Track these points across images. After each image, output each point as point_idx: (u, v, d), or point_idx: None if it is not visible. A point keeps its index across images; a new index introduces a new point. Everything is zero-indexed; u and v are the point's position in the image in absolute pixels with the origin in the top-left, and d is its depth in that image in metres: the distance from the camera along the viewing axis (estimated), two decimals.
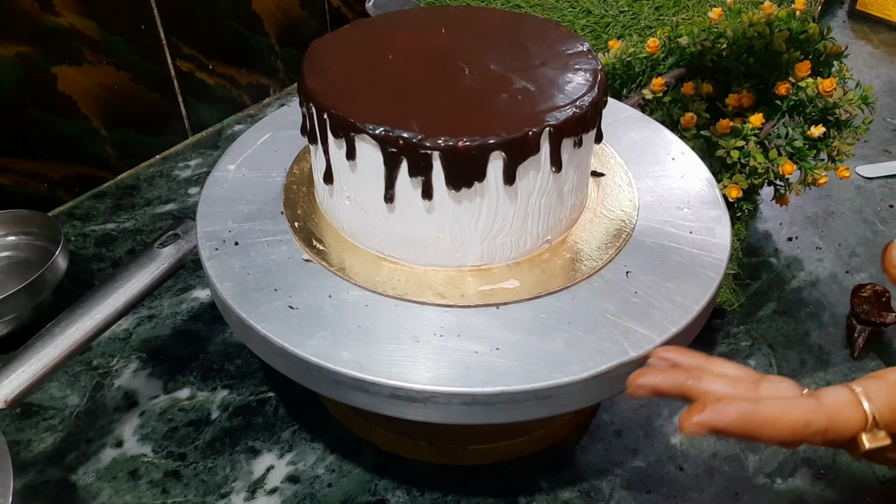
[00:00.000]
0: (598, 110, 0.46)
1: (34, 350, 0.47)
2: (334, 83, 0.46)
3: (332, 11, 0.97)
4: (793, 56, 0.64)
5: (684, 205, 0.52)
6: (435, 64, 0.48)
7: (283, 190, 0.52)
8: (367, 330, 0.43)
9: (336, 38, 0.50)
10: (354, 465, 0.55)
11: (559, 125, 0.43)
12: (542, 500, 0.53)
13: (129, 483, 0.53)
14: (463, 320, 0.44)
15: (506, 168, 0.42)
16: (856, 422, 0.33)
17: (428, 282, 0.46)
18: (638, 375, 0.39)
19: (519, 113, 0.43)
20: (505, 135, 0.41)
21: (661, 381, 0.38)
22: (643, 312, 0.44)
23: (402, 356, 0.42)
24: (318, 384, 0.43)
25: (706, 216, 0.51)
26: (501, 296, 0.45)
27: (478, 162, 0.42)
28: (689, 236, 0.49)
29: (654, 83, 0.67)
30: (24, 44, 0.68)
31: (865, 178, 0.83)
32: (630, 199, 0.52)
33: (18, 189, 0.73)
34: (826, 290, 0.69)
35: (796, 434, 0.34)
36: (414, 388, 0.40)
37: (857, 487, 0.54)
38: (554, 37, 0.50)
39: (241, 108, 0.92)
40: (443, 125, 0.42)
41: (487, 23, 0.52)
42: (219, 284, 0.46)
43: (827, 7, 1.17)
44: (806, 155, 0.63)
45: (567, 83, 0.46)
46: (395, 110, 0.43)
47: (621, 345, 0.42)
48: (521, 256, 0.47)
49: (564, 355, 0.42)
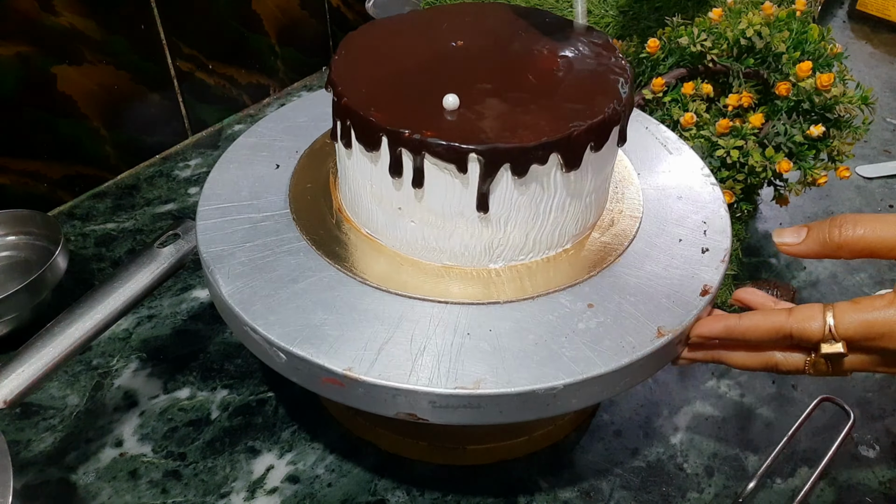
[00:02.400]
0: (630, 106, 0.47)
1: (34, 350, 0.47)
2: (387, 102, 0.44)
3: (332, 11, 0.97)
4: (793, 56, 0.64)
5: (684, 204, 0.52)
6: (477, 68, 0.47)
7: (289, 190, 0.52)
8: (377, 330, 0.43)
9: (361, 49, 0.49)
10: (354, 465, 0.55)
11: (598, 125, 0.43)
12: (542, 500, 0.53)
13: (129, 483, 0.53)
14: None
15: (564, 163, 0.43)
16: (816, 332, 0.40)
17: (445, 280, 0.46)
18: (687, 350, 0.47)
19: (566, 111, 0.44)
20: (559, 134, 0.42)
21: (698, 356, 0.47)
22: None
23: (408, 359, 0.42)
24: (323, 389, 0.43)
25: (706, 216, 0.51)
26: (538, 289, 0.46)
27: (540, 160, 0.42)
28: (689, 235, 0.50)
29: (654, 83, 0.67)
30: (24, 44, 0.68)
31: (865, 178, 0.83)
32: (636, 197, 0.52)
33: (18, 189, 0.73)
34: (826, 291, 0.69)
35: (770, 337, 0.42)
36: (415, 390, 0.40)
37: (856, 487, 0.54)
38: (576, 33, 0.51)
39: (241, 108, 0.92)
40: (509, 133, 0.42)
41: (508, 22, 0.52)
42: (219, 285, 0.46)
43: (827, 7, 1.17)
44: (805, 155, 0.63)
45: (600, 84, 0.46)
46: (461, 124, 0.43)
47: (624, 344, 0.43)
48: (540, 256, 0.47)
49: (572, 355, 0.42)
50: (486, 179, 0.42)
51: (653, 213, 0.51)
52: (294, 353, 0.42)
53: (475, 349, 0.42)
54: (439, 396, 0.40)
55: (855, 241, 0.40)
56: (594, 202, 0.48)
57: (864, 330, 0.39)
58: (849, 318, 0.39)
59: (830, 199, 0.80)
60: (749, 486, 0.53)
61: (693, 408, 0.59)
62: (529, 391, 0.40)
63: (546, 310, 0.44)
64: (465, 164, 0.41)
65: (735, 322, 0.43)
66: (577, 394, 0.41)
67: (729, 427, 0.58)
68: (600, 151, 0.44)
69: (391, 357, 0.41)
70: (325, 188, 0.52)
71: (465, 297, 0.45)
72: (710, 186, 0.53)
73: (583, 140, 0.43)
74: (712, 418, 0.58)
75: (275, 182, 0.53)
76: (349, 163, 0.46)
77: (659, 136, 0.58)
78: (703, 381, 0.61)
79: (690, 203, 0.52)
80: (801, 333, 0.40)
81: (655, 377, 0.60)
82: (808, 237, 0.41)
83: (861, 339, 0.39)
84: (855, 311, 0.39)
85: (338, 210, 0.50)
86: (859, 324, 0.39)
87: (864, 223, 0.40)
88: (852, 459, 0.56)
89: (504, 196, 0.43)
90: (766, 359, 0.44)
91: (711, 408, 0.59)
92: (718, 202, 0.52)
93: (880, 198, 0.81)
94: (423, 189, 0.43)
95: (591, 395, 0.42)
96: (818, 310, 0.40)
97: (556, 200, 0.44)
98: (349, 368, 0.41)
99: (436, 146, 0.41)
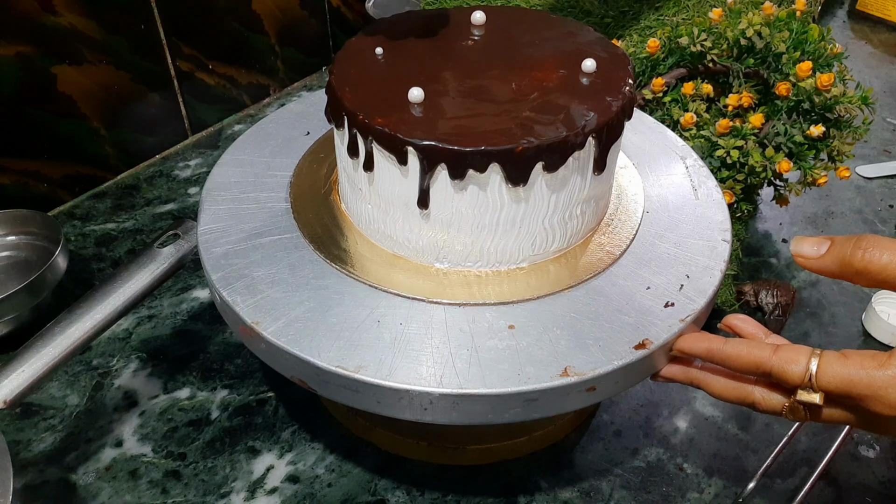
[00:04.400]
0: (614, 135, 0.45)
1: (34, 350, 0.47)
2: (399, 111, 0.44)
3: (332, 11, 0.97)
4: (793, 56, 0.64)
5: (685, 201, 0.52)
6: (480, 72, 0.47)
7: (290, 189, 0.52)
8: (385, 333, 0.43)
9: (363, 56, 0.48)
10: (354, 465, 0.55)
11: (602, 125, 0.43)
12: (542, 500, 0.53)
13: (129, 483, 0.53)
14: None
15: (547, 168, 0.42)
16: (795, 376, 0.38)
17: (389, 268, 0.46)
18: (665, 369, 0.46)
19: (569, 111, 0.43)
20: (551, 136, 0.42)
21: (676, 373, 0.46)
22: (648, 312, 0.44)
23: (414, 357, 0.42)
24: (328, 390, 0.43)
25: (706, 215, 0.51)
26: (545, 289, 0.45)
27: (477, 168, 0.42)
28: (689, 235, 0.49)
29: (654, 83, 0.67)
30: (24, 44, 0.68)
31: (865, 178, 0.83)
32: (635, 209, 0.52)
33: (18, 189, 0.73)
34: (826, 291, 0.69)
35: (749, 370, 0.41)
36: (417, 391, 0.40)
37: (857, 487, 0.54)
38: (580, 34, 0.50)
39: (241, 108, 0.92)
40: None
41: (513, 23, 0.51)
42: (219, 285, 0.46)
43: (827, 7, 1.17)
44: (805, 155, 0.63)
45: (582, 105, 0.44)
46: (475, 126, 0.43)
47: (626, 343, 0.42)
48: (548, 257, 0.47)
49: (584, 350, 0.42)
50: (425, 175, 0.42)
51: (636, 255, 0.48)
52: (297, 355, 0.42)
53: (378, 336, 0.42)
54: (320, 371, 0.41)
55: (879, 270, 0.37)
56: (558, 226, 0.46)
57: (846, 387, 0.37)
58: (832, 370, 0.37)
59: (830, 199, 0.80)
60: (749, 486, 0.53)
61: (693, 408, 0.59)
62: (403, 389, 0.41)
63: (466, 319, 0.44)
64: (404, 156, 0.42)
65: (719, 346, 0.42)
66: (455, 407, 0.41)
67: (729, 427, 0.58)
68: (556, 173, 0.42)
69: (299, 322, 0.43)
70: (333, 164, 0.54)
71: (398, 287, 0.45)
72: (721, 243, 0.49)
73: (530, 157, 0.41)
74: (712, 418, 0.58)
75: (278, 182, 0.53)
76: (335, 139, 0.48)
77: (693, 173, 0.55)
78: None
79: (684, 252, 0.48)
80: (781, 374, 0.39)
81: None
82: (828, 253, 0.39)
83: (841, 395, 0.37)
84: (841, 364, 0.37)
85: (332, 182, 0.53)
86: (841, 379, 0.37)
87: (893, 250, 0.36)
88: (852, 459, 0.56)
89: (445, 197, 0.43)
90: (744, 394, 0.42)
91: (711, 408, 0.59)
92: (718, 261, 0.48)
93: (880, 198, 0.81)
94: (373, 173, 0.44)
95: (471, 413, 0.41)
96: (804, 354, 0.38)
97: (503, 214, 0.43)
98: (256, 322, 0.43)
99: (380, 133, 0.42)
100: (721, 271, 0.47)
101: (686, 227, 0.50)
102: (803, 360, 0.38)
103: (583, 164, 0.44)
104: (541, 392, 0.40)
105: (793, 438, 0.57)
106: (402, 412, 0.42)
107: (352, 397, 0.42)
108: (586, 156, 0.43)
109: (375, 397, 0.41)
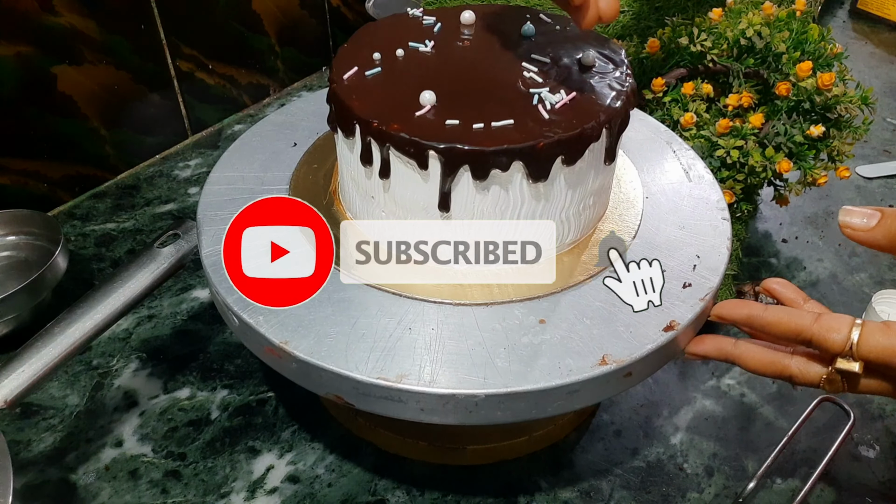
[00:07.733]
0: (621, 124, 0.46)
1: (34, 350, 0.47)
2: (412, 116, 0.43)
3: (332, 11, 0.97)
4: (793, 56, 0.64)
5: (679, 184, 0.52)
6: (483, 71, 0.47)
7: (290, 190, 0.52)
8: (382, 332, 0.43)
9: (368, 40, 0.48)
10: (354, 465, 0.55)
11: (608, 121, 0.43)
12: (542, 500, 0.53)
13: (129, 483, 0.53)
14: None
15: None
16: (836, 345, 0.38)
17: (404, 272, 0.46)
18: (694, 344, 0.46)
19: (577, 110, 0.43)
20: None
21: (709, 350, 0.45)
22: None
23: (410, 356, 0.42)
24: (326, 389, 0.43)
25: (703, 196, 0.51)
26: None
27: (501, 166, 0.42)
28: (691, 217, 0.50)
29: (654, 83, 0.67)
30: (24, 44, 0.68)
31: (865, 178, 0.83)
32: (635, 196, 0.52)
33: (18, 189, 0.73)
34: (826, 291, 0.69)
35: (789, 337, 0.41)
36: (415, 391, 0.40)
37: (857, 487, 0.54)
38: (571, 28, 0.50)
39: (240, 108, 0.92)
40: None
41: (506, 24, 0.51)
42: (236, 308, 0.45)
43: (827, 7, 1.17)
44: (805, 155, 0.63)
45: (590, 99, 0.45)
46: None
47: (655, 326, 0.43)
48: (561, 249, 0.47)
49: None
50: (447, 178, 0.42)
51: (645, 240, 0.49)
52: (295, 355, 0.42)
53: (412, 344, 0.42)
54: (360, 384, 0.41)
55: None
56: (573, 217, 0.46)
57: (887, 356, 0.37)
58: (874, 339, 0.38)
59: (830, 199, 0.80)
60: (749, 486, 0.53)
61: (693, 408, 0.59)
62: (448, 394, 0.40)
63: (496, 318, 0.44)
64: (425, 160, 0.41)
65: (759, 313, 0.42)
66: (500, 406, 0.41)
67: (729, 427, 0.58)
68: (574, 166, 0.43)
69: (329, 337, 0.42)
70: (328, 175, 0.53)
71: (418, 292, 0.45)
72: (722, 222, 0.51)
73: (551, 152, 0.42)
74: (712, 418, 0.58)
75: (278, 182, 0.53)
76: (337, 147, 0.48)
77: (681, 156, 0.56)
78: (703, 381, 0.61)
79: (690, 234, 0.50)
80: (822, 342, 0.39)
81: (655, 377, 0.60)
82: (878, 226, 0.39)
83: (881, 365, 0.38)
84: (883, 334, 0.38)
85: (332, 192, 0.52)
86: (883, 349, 0.37)
87: None
88: (852, 459, 0.56)
89: (466, 198, 0.43)
90: (781, 367, 0.42)
91: (711, 408, 0.59)
92: (723, 239, 0.49)
93: (880, 198, 0.81)
94: (389, 180, 0.44)
95: (516, 410, 0.41)
96: (846, 323, 0.39)
97: (523, 210, 0.44)
98: (285, 342, 0.42)
99: (398, 139, 0.41)
100: (727, 248, 0.48)
101: (686, 209, 0.51)
102: (845, 328, 0.38)
103: (596, 156, 0.44)
104: (583, 383, 0.41)
105: (793, 438, 0.57)
106: (446, 417, 0.41)
107: (394, 407, 0.41)
108: (600, 147, 0.44)
109: (420, 405, 0.41)
